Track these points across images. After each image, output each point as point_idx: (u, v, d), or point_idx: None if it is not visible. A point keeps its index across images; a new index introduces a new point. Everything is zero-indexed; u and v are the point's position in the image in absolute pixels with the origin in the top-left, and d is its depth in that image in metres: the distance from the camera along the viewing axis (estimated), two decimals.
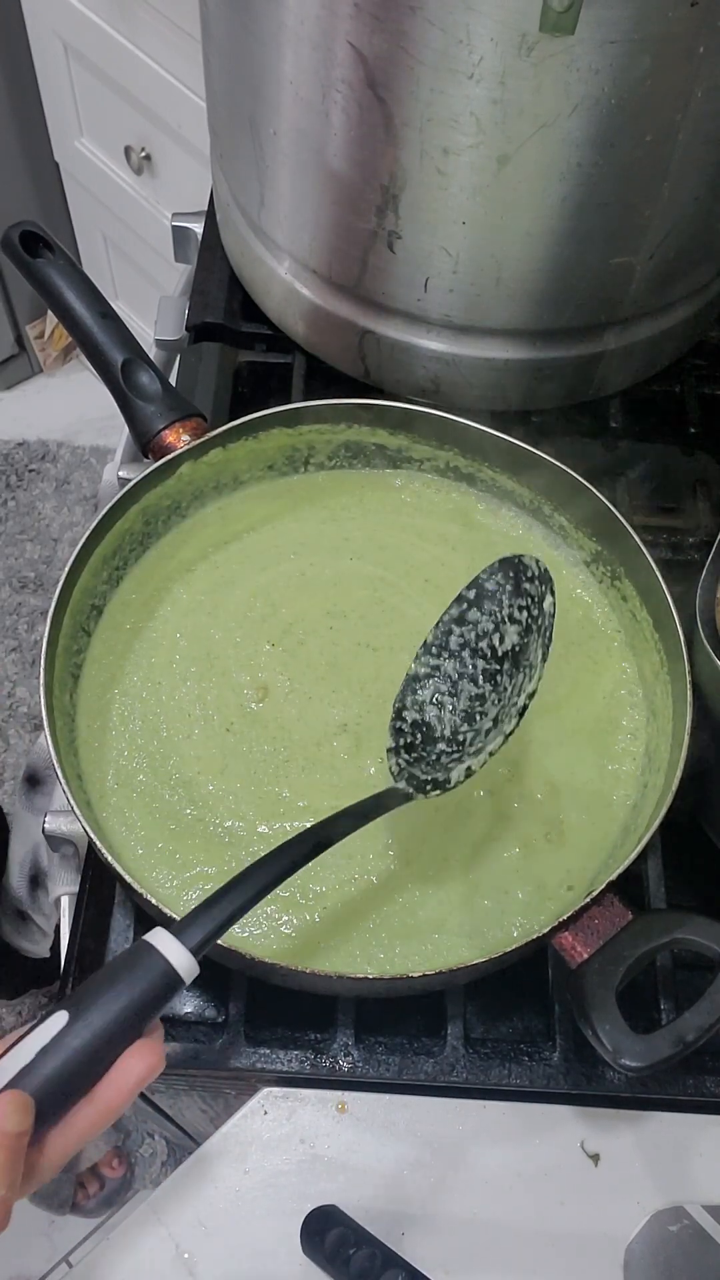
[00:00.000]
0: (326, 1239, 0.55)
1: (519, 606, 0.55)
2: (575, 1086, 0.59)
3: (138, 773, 0.62)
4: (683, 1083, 0.60)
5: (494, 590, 0.56)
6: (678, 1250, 0.57)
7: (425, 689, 0.57)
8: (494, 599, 0.56)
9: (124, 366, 0.65)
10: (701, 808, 0.66)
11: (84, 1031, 0.40)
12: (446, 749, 0.55)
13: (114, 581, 0.67)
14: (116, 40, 1.34)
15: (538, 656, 0.53)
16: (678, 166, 0.62)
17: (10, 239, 0.65)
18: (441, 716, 0.56)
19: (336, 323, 0.75)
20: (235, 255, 0.83)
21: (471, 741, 0.55)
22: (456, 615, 0.57)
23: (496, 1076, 0.59)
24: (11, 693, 1.73)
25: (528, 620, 0.55)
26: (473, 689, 0.56)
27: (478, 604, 0.56)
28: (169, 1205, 0.58)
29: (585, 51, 0.54)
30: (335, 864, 0.59)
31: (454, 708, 0.56)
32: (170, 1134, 0.87)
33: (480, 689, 0.56)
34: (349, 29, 0.57)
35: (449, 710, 0.56)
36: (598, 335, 0.73)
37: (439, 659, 0.57)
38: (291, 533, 0.71)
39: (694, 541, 0.75)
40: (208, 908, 0.44)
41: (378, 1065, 0.60)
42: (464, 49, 0.54)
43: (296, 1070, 0.59)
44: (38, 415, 2.01)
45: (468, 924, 0.58)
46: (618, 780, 0.63)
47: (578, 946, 0.53)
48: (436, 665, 0.57)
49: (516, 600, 0.55)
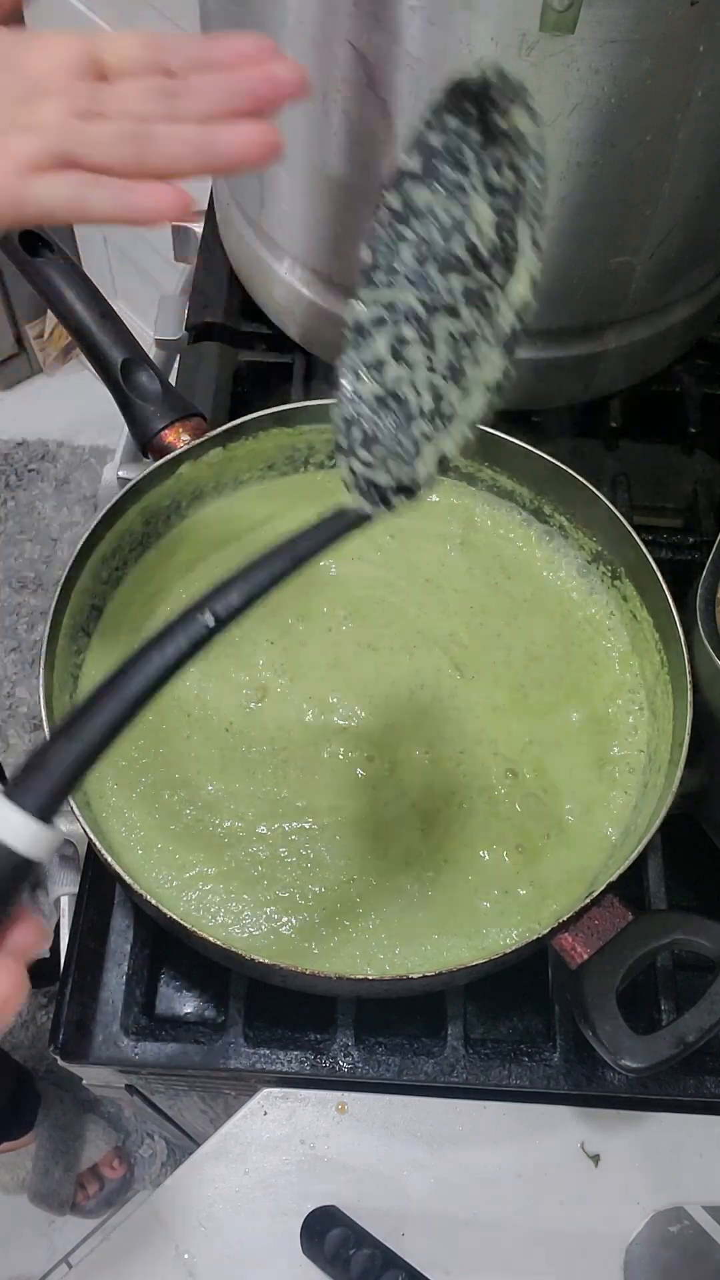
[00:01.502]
0: (327, 1239, 0.55)
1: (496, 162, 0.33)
2: (575, 1087, 0.59)
3: (137, 773, 0.62)
4: (683, 1083, 0.60)
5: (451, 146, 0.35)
6: (678, 1251, 0.57)
7: (378, 341, 0.38)
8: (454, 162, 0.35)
9: (123, 366, 0.65)
10: (702, 808, 0.66)
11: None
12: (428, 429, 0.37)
13: (114, 582, 0.67)
14: None
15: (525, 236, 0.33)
16: (678, 166, 0.62)
17: (10, 238, 0.65)
18: (414, 379, 0.37)
19: (336, 322, 0.75)
20: (235, 254, 0.83)
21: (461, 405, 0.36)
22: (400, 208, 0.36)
23: (497, 1077, 0.59)
24: (11, 693, 1.73)
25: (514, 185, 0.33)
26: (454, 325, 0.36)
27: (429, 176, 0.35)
28: (169, 1206, 0.58)
29: (585, 51, 0.54)
30: (335, 865, 0.59)
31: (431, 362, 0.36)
32: (170, 1134, 0.87)
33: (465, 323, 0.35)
34: (349, 28, 0.57)
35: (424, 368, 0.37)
36: (598, 335, 0.73)
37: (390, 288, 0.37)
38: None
39: (694, 541, 0.75)
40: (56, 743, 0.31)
41: (378, 1066, 0.59)
42: (464, 48, 0.54)
43: (296, 1071, 0.59)
44: (37, 415, 2.01)
45: (467, 925, 0.58)
46: (618, 780, 0.63)
47: (578, 947, 0.53)
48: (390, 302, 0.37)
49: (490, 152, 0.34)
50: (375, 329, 0.38)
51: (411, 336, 0.37)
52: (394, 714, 0.64)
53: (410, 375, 0.37)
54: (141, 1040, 0.60)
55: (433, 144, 0.35)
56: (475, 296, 0.35)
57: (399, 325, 0.37)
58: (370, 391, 0.38)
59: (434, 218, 0.36)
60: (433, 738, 0.64)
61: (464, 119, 0.34)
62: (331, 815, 0.61)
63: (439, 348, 0.36)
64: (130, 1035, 0.60)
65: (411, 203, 0.36)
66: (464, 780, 0.62)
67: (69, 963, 0.61)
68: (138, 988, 0.61)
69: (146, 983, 0.62)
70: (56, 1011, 0.60)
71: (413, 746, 0.63)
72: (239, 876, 0.59)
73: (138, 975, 0.61)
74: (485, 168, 0.34)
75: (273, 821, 0.60)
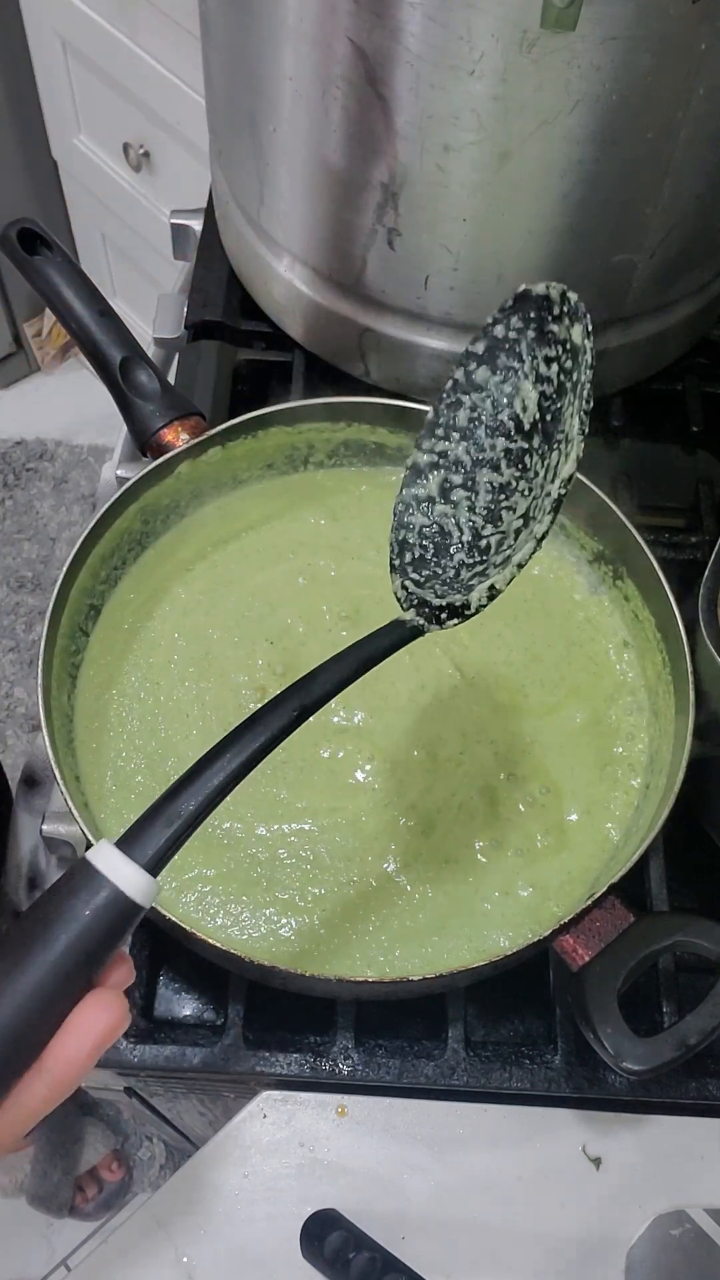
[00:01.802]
0: (326, 1243, 0.55)
1: (546, 359, 0.42)
2: (576, 1090, 0.59)
3: (136, 774, 0.61)
4: (685, 1086, 0.60)
5: (510, 339, 0.42)
6: (680, 1254, 0.57)
7: (431, 482, 0.45)
8: (511, 351, 0.42)
9: (122, 365, 0.65)
10: (703, 809, 0.66)
11: (16, 989, 0.32)
12: (467, 560, 0.43)
13: (112, 581, 0.67)
14: (115, 37, 1.33)
15: (573, 426, 0.40)
16: (679, 164, 0.61)
17: (8, 237, 0.65)
18: (457, 517, 0.44)
19: (336, 320, 0.75)
20: (234, 253, 0.83)
21: (499, 547, 0.43)
22: (464, 380, 0.44)
23: (497, 1079, 0.59)
24: (9, 693, 1.73)
25: (559, 376, 0.41)
26: (495, 478, 0.43)
27: (489, 361, 0.43)
28: (168, 1209, 0.58)
29: (586, 48, 0.53)
30: (335, 867, 0.59)
31: (472, 504, 0.44)
32: (169, 1137, 0.86)
33: (505, 476, 0.43)
34: (349, 25, 0.57)
35: (466, 508, 0.44)
36: (599, 333, 0.72)
37: (447, 441, 0.44)
38: (291, 532, 0.70)
39: (696, 540, 0.75)
40: (165, 804, 0.35)
41: (378, 1068, 0.59)
42: (465, 45, 0.54)
43: (296, 1073, 0.59)
44: (35, 414, 2.01)
45: (468, 926, 0.58)
46: (619, 781, 0.62)
47: (579, 949, 0.53)
48: (444, 451, 0.44)
49: (542, 350, 0.42)
50: (429, 471, 0.45)
51: (457, 482, 0.44)
52: (394, 714, 0.64)
53: (454, 513, 0.44)
54: (140, 1042, 0.59)
55: (496, 334, 0.43)
56: (514, 457, 0.43)
57: (448, 471, 0.44)
58: (420, 523, 0.45)
59: (488, 392, 0.44)
60: (433, 738, 0.63)
61: (525, 321, 0.42)
62: (331, 816, 0.60)
63: (480, 494, 0.44)
64: (129, 1037, 0.59)
65: (472, 378, 0.44)
66: (464, 781, 0.62)
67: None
68: (136, 990, 0.61)
69: (145, 985, 0.62)
70: None
71: (413, 747, 0.63)
72: (238, 878, 0.58)
73: (136, 977, 0.61)
74: (536, 361, 0.42)
75: (272, 823, 0.60)
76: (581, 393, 0.40)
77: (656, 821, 0.55)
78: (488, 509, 0.44)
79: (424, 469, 0.45)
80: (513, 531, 0.43)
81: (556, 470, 0.41)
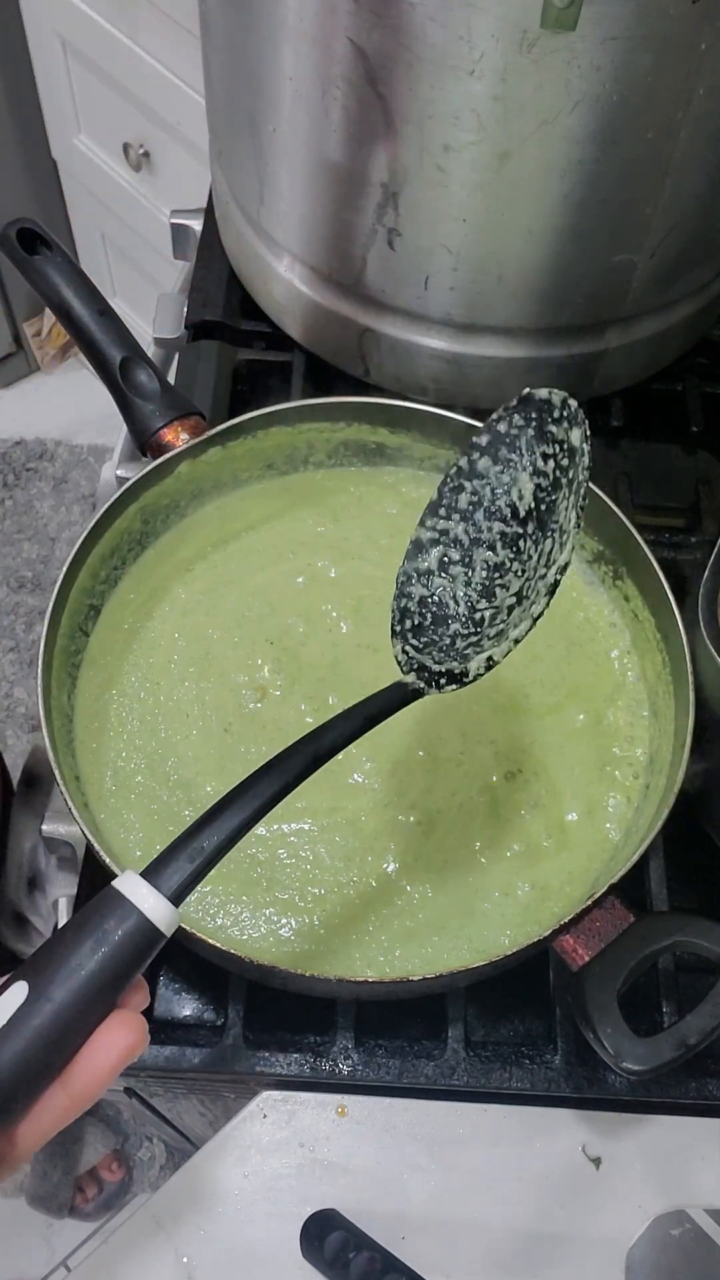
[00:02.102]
0: (326, 1243, 0.55)
1: (544, 455, 0.46)
2: (576, 1090, 0.59)
3: (136, 774, 0.61)
4: (685, 1086, 0.60)
5: (511, 434, 0.47)
6: (679, 1254, 0.57)
7: (431, 556, 0.48)
8: (511, 445, 0.47)
9: (122, 364, 0.65)
10: (703, 809, 0.66)
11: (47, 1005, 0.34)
12: (463, 630, 0.47)
13: (112, 581, 0.67)
14: (115, 37, 1.33)
15: (570, 519, 0.45)
16: (679, 164, 0.61)
17: (8, 236, 0.65)
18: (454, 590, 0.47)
19: (336, 320, 0.75)
20: (234, 253, 0.83)
21: (492, 621, 0.47)
22: (466, 466, 0.48)
23: (497, 1080, 0.59)
24: (9, 693, 1.73)
25: (555, 472, 0.46)
26: (490, 557, 0.47)
27: (491, 451, 0.47)
28: (168, 1209, 0.58)
29: (586, 48, 0.53)
30: (334, 867, 0.59)
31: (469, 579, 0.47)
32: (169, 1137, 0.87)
33: (499, 557, 0.47)
34: (349, 25, 0.57)
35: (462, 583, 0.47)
36: (599, 333, 0.73)
37: (447, 520, 0.48)
38: (291, 532, 0.70)
39: (696, 540, 0.75)
40: (188, 840, 0.38)
41: (378, 1068, 0.59)
42: (464, 45, 0.54)
43: (296, 1073, 0.59)
44: (35, 414, 2.01)
45: (468, 926, 0.58)
46: (619, 781, 0.62)
47: (579, 949, 0.53)
48: (444, 529, 0.48)
49: (540, 447, 0.46)
50: (430, 547, 0.48)
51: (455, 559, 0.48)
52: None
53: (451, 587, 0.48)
54: None
55: (499, 429, 0.47)
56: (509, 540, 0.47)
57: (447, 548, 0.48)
58: (419, 593, 0.48)
59: (488, 480, 0.48)
60: (433, 738, 0.63)
61: (525, 420, 0.46)
62: (331, 816, 0.60)
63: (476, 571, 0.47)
64: None
65: (475, 466, 0.48)
66: (464, 781, 0.62)
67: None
68: None
69: None
70: None
71: (413, 747, 0.63)
72: (238, 878, 0.58)
73: None
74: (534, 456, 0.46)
75: (272, 823, 0.60)
76: (578, 489, 0.45)
77: (656, 821, 0.55)
78: (483, 585, 0.48)
79: (425, 544, 0.48)
80: (505, 608, 0.47)
81: (550, 556, 0.45)
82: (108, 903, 0.36)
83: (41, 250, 0.65)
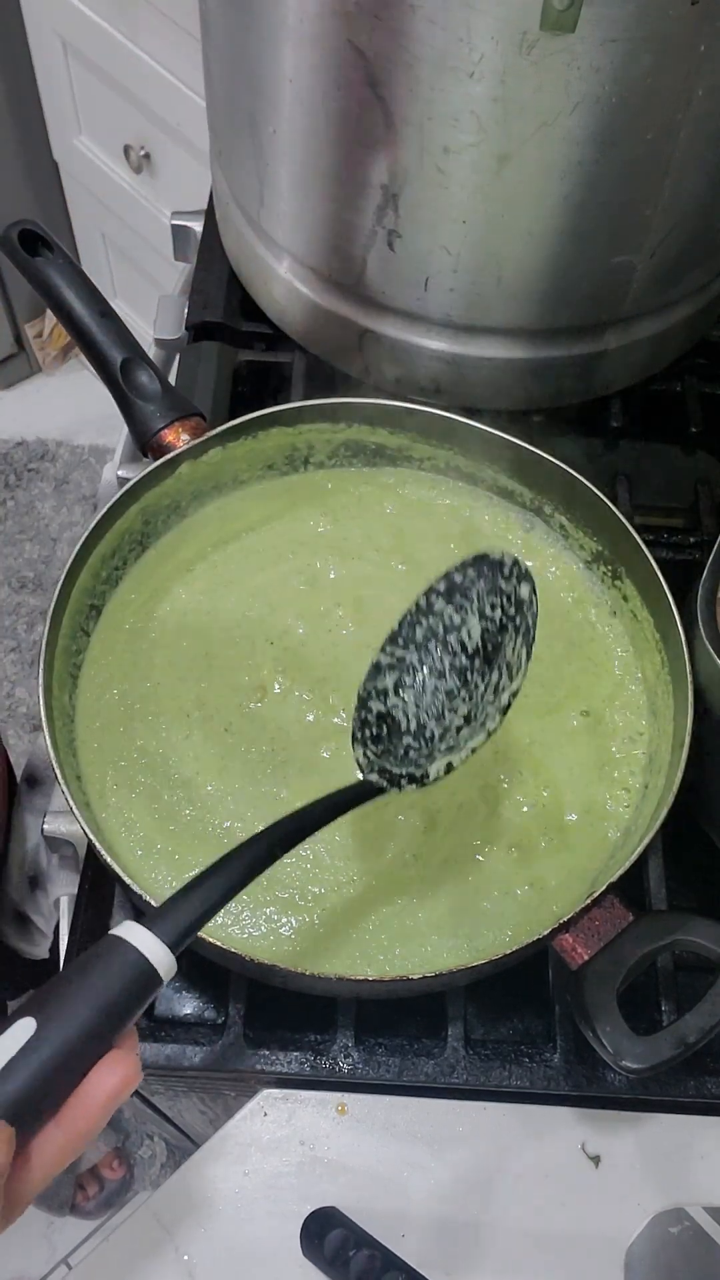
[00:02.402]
0: (326, 1241, 0.55)
1: (492, 604, 0.52)
2: (576, 1088, 0.59)
3: (137, 773, 0.62)
4: (684, 1084, 0.60)
5: (465, 584, 0.54)
6: (679, 1252, 0.57)
7: (388, 678, 0.54)
8: (464, 593, 0.54)
9: (123, 365, 0.65)
10: (702, 809, 0.66)
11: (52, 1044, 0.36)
12: (414, 744, 0.53)
13: (113, 581, 0.67)
14: (116, 38, 1.34)
15: (520, 656, 0.51)
16: (679, 165, 0.62)
17: (9, 238, 0.65)
18: (405, 710, 0.53)
19: (336, 321, 0.75)
20: (235, 254, 0.83)
21: (441, 738, 0.53)
22: (424, 605, 0.54)
23: (497, 1078, 0.59)
24: (11, 693, 1.73)
25: (502, 618, 0.52)
26: (440, 684, 0.54)
27: (447, 596, 0.54)
28: (169, 1207, 0.58)
29: (586, 50, 0.54)
30: (334, 866, 0.59)
31: (419, 703, 0.53)
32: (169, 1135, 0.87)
33: (448, 684, 0.54)
34: (349, 27, 0.57)
35: (413, 704, 0.53)
36: (599, 334, 0.73)
37: (404, 650, 0.54)
38: (291, 532, 0.71)
39: (695, 541, 0.75)
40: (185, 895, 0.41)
41: (378, 1067, 0.59)
42: (464, 47, 0.54)
43: (296, 1072, 0.59)
44: (36, 415, 2.01)
45: (468, 925, 0.58)
46: (618, 781, 0.63)
47: (578, 948, 0.53)
48: (401, 657, 0.54)
49: (490, 597, 0.53)
50: (387, 670, 0.54)
51: (408, 683, 0.54)
52: None
53: (404, 706, 0.54)
54: (141, 1041, 0.59)
55: (455, 579, 0.54)
56: (458, 671, 0.54)
57: (402, 673, 0.54)
58: (376, 708, 0.53)
59: (441, 620, 0.54)
60: None
61: (479, 574, 0.53)
62: None
63: (426, 695, 0.54)
64: None
65: (432, 606, 0.54)
66: (464, 780, 0.62)
67: (68, 963, 0.61)
68: None
69: None
70: None
71: None
72: None
73: None
74: (483, 604, 0.53)
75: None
76: (526, 633, 0.51)
77: (655, 821, 0.55)
78: (433, 708, 0.53)
79: (383, 668, 0.54)
80: (454, 728, 0.53)
81: (499, 685, 0.51)
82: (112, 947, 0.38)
83: (43, 251, 0.65)
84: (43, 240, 0.65)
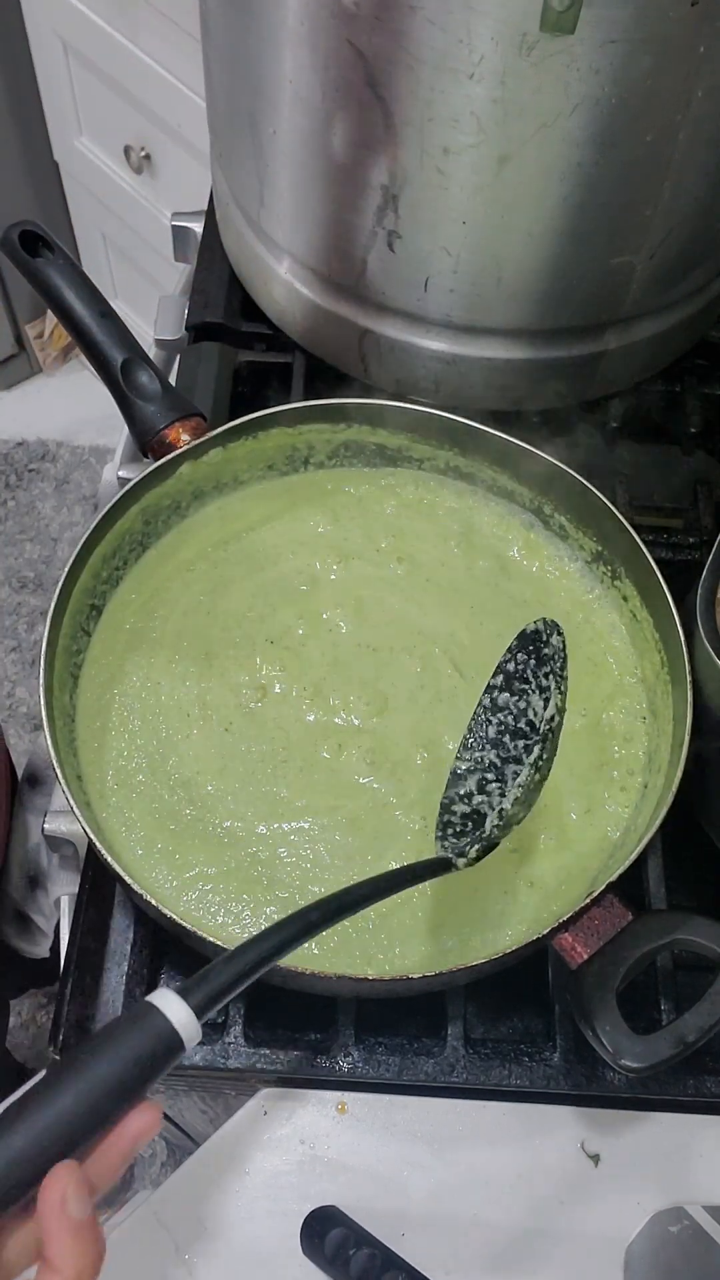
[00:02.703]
0: (326, 1240, 0.55)
1: (545, 674, 0.55)
2: (575, 1087, 0.59)
3: (137, 773, 0.62)
4: (683, 1083, 0.60)
5: (519, 670, 0.56)
6: (678, 1251, 0.57)
7: (470, 782, 0.56)
8: (520, 678, 0.56)
9: (123, 366, 0.65)
10: (701, 808, 0.66)
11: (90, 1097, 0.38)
12: (498, 823, 0.54)
13: (113, 581, 0.67)
14: (116, 39, 1.34)
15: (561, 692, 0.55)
16: (678, 166, 0.62)
17: (10, 238, 0.65)
18: (492, 803, 0.55)
19: (336, 322, 0.75)
20: (235, 255, 0.83)
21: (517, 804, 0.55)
22: (489, 704, 0.57)
23: (497, 1077, 0.59)
24: (11, 693, 1.73)
25: (555, 682, 0.55)
26: (520, 769, 0.55)
27: (507, 688, 0.56)
28: (169, 1206, 0.58)
29: (585, 51, 0.54)
30: (334, 865, 0.59)
31: (503, 792, 0.55)
32: (169, 1134, 0.87)
33: (524, 765, 0.55)
34: (349, 28, 0.57)
35: (498, 796, 0.55)
36: (598, 335, 0.73)
37: (481, 750, 0.56)
38: (291, 532, 0.71)
39: (694, 541, 0.75)
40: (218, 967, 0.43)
41: (378, 1066, 0.59)
42: (464, 48, 0.54)
43: (296, 1070, 0.59)
44: (37, 415, 2.01)
45: (467, 925, 0.58)
46: (617, 781, 0.63)
47: (578, 947, 0.53)
48: (479, 758, 0.56)
49: (541, 670, 0.55)
50: (468, 775, 0.56)
51: (492, 779, 0.56)
52: (394, 714, 0.64)
53: (489, 800, 0.55)
54: None
55: (508, 669, 0.57)
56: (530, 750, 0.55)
57: (484, 774, 0.56)
58: (461, 810, 0.56)
59: (509, 710, 0.57)
60: (433, 738, 0.64)
61: (527, 654, 0.56)
62: (331, 815, 0.61)
63: (509, 784, 0.55)
64: None
65: (496, 702, 0.57)
66: None
67: (69, 963, 0.61)
68: (138, 988, 0.61)
69: (146, 983, 0.62)
70: (56, 1011, 0.60)
71: (413, 746, 0.63)
72: (239, 876, 0.59)
73: (138, 975, 0.61)
74: (539, 679, 0.56)
75: (272, 821, 0.60)
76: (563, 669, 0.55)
77: (655, 820, 0.55)
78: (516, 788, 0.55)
79: (463, 774, 0.57)
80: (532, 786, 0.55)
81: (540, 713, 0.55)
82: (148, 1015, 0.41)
83: (43, 252, 0.66)
84: (43, 241, 0.65)
